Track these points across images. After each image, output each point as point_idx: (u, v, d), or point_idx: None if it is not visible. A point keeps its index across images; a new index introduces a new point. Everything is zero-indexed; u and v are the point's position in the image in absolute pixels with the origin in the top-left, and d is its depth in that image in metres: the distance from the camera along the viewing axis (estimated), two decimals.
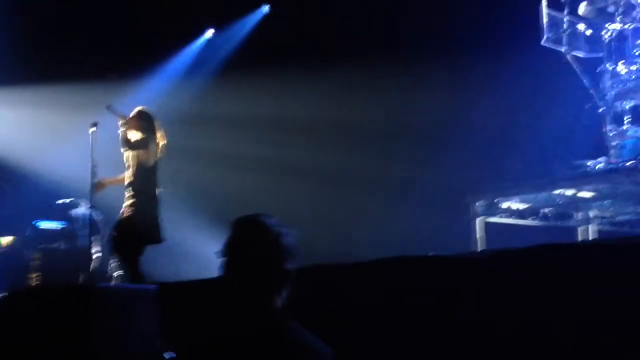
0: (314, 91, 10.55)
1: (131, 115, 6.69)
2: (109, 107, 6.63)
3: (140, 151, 6.56)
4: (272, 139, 10.86)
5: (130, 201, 6.51)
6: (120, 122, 6.60)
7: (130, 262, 6.41)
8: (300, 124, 10.65)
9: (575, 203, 6.19)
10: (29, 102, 10.65)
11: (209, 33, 12.48)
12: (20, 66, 10.06)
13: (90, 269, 8.76)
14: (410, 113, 9.49)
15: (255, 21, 12.04)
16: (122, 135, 6.56)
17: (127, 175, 6.61)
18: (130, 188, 6.55)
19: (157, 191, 6.67)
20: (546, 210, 6.32)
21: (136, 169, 6.56)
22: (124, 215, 6.51)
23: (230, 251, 2.17)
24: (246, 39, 12.01)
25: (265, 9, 11.97)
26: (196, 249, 10.52)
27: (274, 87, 10.52)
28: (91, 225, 7.25)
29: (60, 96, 10.66)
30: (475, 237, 6.02)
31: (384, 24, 9.87)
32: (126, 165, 6.65)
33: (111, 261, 10.26)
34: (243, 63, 11.30)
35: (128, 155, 6.62)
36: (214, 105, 11.21)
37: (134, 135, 6.62)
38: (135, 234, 6.44)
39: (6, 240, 9.71)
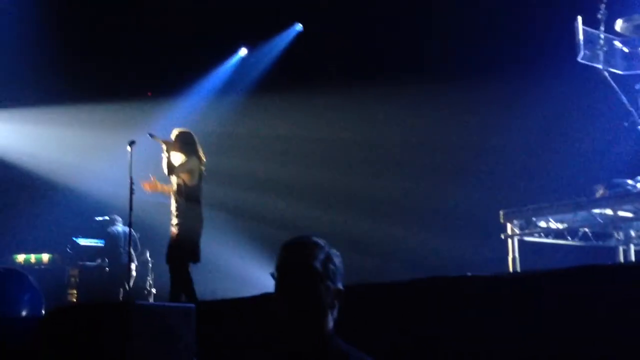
0: (344, 112, 10.58)
1: (172, 138, 6.79)
2: (151, 135, 6.78)
3: (184, 173, 6.65)
4: (306, 159, 10.88)
5: (176, 221, 6.60)
6: (163, 147, 6.69)
7: (177, 282, 6.46)
8: (331, 145, 10.66)
9: (615, 222, 6.06)
10: (68, 121, 10.88)
11: (243, 51, 12.64)
12: (59, 86, 10.29)
13: (129, 286, 8.85)
14: (446, 130, 9.46)
15: (289, 39, 12.16)
16: (166, 160, 6.64)
17: (173, 197, 6.70)
18: (176, 209, 6.63)
19: (201, 210, 6.74)
20: (586, 229, 6.19)
21: (181, 190, 6.65)
22: (171, 236, 6.62)
23: (282, 272, 2.19)
24: (280, 57, 12.12)
25: (298, 27, 12.09)
26: (233, 268, 10.56)
27: (308, 106, 10.56)
28: (130, 243, 7.35)
29: (98, 115, 10.86)
30: (514, 256, 5.94)
31: (415, 45, 9.87)
32: (172, 187, 6.74)
33: (148, 278, 10.39)
34: (277, 81, 11.39)
35: (173, 177, 6.72)
36: (248, 124, 11.29)
37: (177, 158, 6.71)
38: (179, 253, 6.53)
39: (46, 257, 9.88)
